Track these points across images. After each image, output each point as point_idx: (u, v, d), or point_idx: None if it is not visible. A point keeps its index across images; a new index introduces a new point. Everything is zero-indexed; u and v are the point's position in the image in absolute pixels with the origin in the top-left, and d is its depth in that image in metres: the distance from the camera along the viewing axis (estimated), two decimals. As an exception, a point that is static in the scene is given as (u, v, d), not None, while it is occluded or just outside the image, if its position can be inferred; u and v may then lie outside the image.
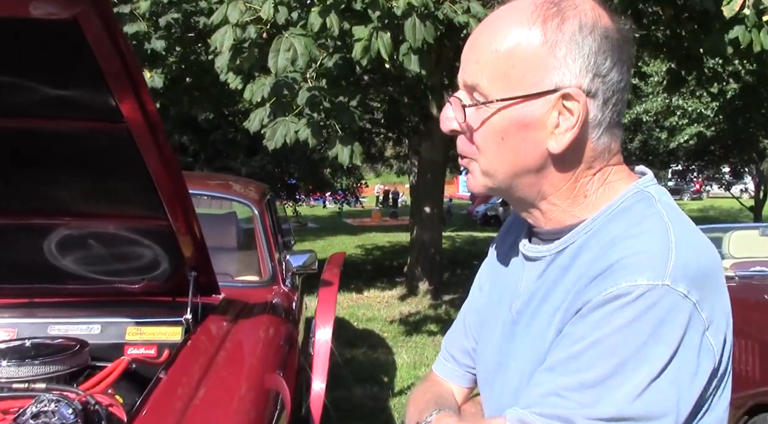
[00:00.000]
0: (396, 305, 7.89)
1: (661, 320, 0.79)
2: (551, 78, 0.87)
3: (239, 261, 3.93)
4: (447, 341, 1.21)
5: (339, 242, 15.80)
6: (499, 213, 27.89)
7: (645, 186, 0.92)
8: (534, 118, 0.88)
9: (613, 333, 0.79)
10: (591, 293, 0.83)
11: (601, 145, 0.91)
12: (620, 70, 0.88)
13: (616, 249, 0.84)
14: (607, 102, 0.88)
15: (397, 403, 4.63)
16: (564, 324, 0.86)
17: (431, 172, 8.32)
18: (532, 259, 0.99)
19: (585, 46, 0.87)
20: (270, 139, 4.53)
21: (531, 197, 0.95)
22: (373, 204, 39.23)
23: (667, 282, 0.79)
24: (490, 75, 0.89)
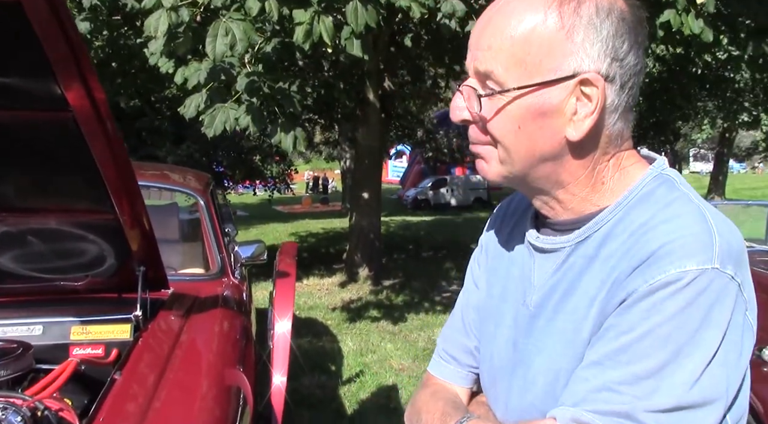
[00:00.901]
0: (337, 292, 7.85)
1: (712, 303, 0.78)
2: (569, 64, 0.85)
3: (183, 253, 3.81)
4: (444, 341, 1.16)
5: (271, 230, 15.60)
6: (429, 197, 28.22)
7: (662, 169, 0.91)
8: (552, 105, 0.86)
9: (665, 321, 0.78)
10: (635, 282, 0.81)
11: (616, 130, 0.89)
12: (636, 54, 0.87)
13: (654, 235, 0.82)
14: (624, 86, 0.87)
15: (346, 391, 4.62)
16: (604, 316, 0.84)
17: (368, 158, 8.29)
18: (545, 250, 0.96)
19: (603, 30, 0.85)
20: (209, 126, 4.39)
21: (548, 186, 0.92)
22: (303, 191, 38.99)
23: (717, 265, 0.78)
24: (505, 62, 0.86)
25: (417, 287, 8.05)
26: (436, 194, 28.41)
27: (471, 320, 1.11)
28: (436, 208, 27.14)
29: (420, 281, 8.40)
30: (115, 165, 1.97)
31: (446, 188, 28.59)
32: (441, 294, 7.81)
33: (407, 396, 4.48)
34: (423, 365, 5.18)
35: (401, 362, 5.27)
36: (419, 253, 10.86)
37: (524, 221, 1.04)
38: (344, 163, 21.66)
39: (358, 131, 8.29)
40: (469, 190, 28.74)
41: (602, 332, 0.83)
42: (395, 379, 4.84)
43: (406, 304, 7.28)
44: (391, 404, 4.37)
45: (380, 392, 4.59)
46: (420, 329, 6.25)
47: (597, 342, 0.83)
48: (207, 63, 4.57)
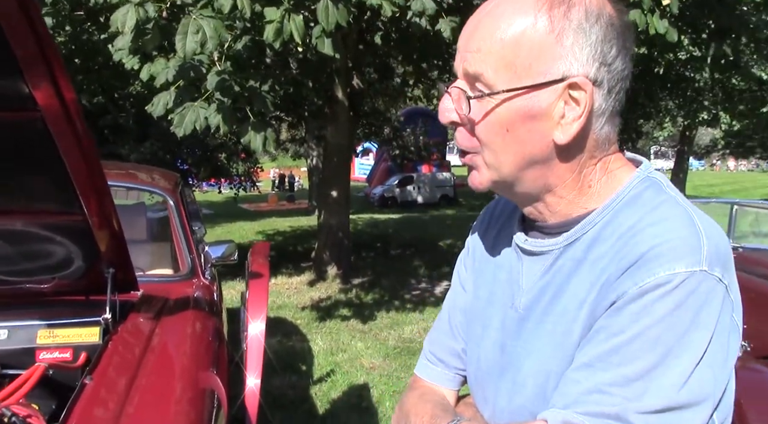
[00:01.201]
0: (305, 291, 7.81)
1: (701, 305, 0.79)
2: (558, 67, 0.85)
3: (151, 254, 3.75)
4: (431, 344, 1.16)
5: (238, 229, 15.45)
6: (396, 194, 28.27)
7: (648, 172, 0.92)
8: (540, 108, 0.86)
9: (655, 323, 0.79)
10: (625, 284, 0.81)
11: (603, 134, 0.90)
12: (624, 59, 0.88)
13: (642, 237, 0.83)
14: (611, 91, 0.88)
15: (318, 391, 4.60)
16: (594, 319, 0.85)
17: (337, 156, 8.25)
18: (534, 253, 0.96)
19: (592, 34, 0.85)
20: (178, 125, 4.32)
21: (536, 190, 0.92)
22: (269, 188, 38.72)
23: (705, 267, 0.79)
24: (494, 64, 0.86)
25: (386, 285, 8.05)
26: (403, 192, 28.47)
27: (458, 323, 1.12)
28: (403, 205, 27.20)
29: (389, 279, 8.40)
30: (84, 165, 1.93)
31: (413, 186, 28.67)
32: (411, 292, 7.82)
33: (379, 395, 4.48)
34: (394, 363, 5.19)
35: (372, 360, 5.27)
36: (388, 251, 10.86)
37: (511, 224, 1.04)
38: (311, 160, 21.55)
39: (327, 129, 8.25)
40: (436, 187, 28.85)
41: (592, 334, 0.84)
42: (366, 378, 4.83)
43: (375, 302, 7.28)
44: (363, 403, 4.36)
45: (352, 391, 4.59)
46: (390, 327, 6.26)
47: (587, 344, 0.84)
48: (175, 60, 4.49)
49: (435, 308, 6.94)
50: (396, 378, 4.81)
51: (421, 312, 6.77)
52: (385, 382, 4.74)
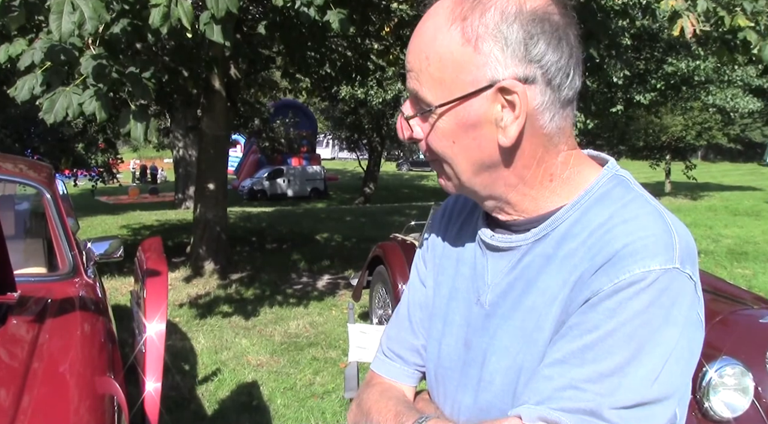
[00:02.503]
0: (182, 287, 7.49)
1: (673, 302, 0.81)
2: (483, 74, 0.86)
3: (23, 251, 3.44)
4: (388, 340, 1.15)
5: (100, 223, 14.55)
6: (266, 187, 27.84)
7: (615, 170, 0.94)
8: (477, 116, 0.88)
9: (629, 320, 0.80)
10: (599, 281, 0.82)
11: (554, 127, 0.90)
12: (558, 49, 0.86)
13: (614, 234, 0.84)
14: (551, 83, 0.87)
15: (204, 390, 4.43)
16: (567, 315, 0.85)
17: (213, 148, 7.97)
18: (500, 249, 0.97)
19: (511, 35, 0.85)
20: (48, 111, 3.97)
21: (498, 192, 0.93)
22: (129, 180, 36.83)
23: (677, 265, 0.81)
24: (427, 82, 0.89)
25: (266, 280, 7.90)
26: (272, 185, 28.11)
27: (418, 319, 1.10)
28: (273, 198, 26.86)
29: (269, 273, 8.25)
30: None
31: (283, 179, 28.38)
32: (292, 287, 7.73)
33: (269, 393, 4.40)
34: (282, 359, 5.12)
35: (259, 357, 5.15)
36: (264, 245, 10.66)
37: (472, 219, 1.04)
38: (177, 152, 20.66)
39: (203, 120, 7.95)
40: (306, 180, 28.75)
41: (565, 331, 0.84)
42: (255, 375, 4.72)
43: (257, 298, 7.12)
44: (254, 401, 4.26)
45: (240, 389, 4.46)
46: (275, 322, 6.15)
47: (560, 340, 0.84)
48: (43, 41, 4.14)
49: (319, 302, 6.91)
50: (285, 375, 4.74)
51: (305, 307, 6.71)
52: (275, 379, 4.65)
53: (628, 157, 27.15)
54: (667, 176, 24.78)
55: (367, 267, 5.63)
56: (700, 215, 14.83)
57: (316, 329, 5.92)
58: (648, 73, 18.40)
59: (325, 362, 5.01)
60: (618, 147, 25.05)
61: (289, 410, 4.12)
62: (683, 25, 4.85)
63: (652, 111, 21.03)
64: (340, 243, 10.94)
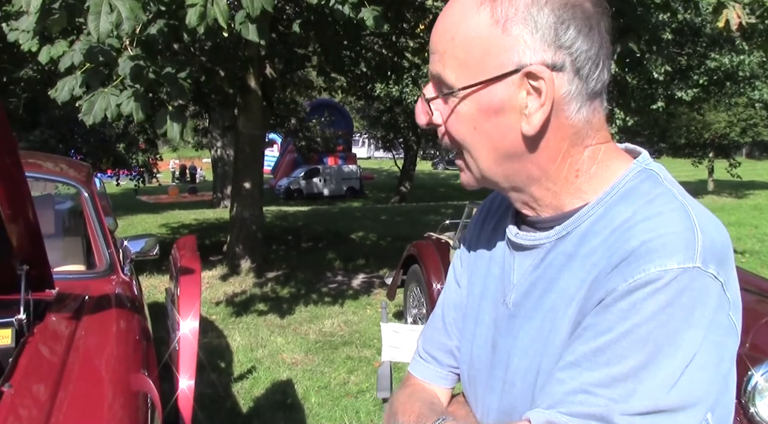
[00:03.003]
0: (219, 285, 7.57)
1: (693, 303, 0.76)
2: (510, 58, 0.83)
3: (61, 249, 3.50)
4: (424, 341, 1.13)
5: (140, 221, 14.81)
6: (302, 186, 28.04)
7: (646, 164, 0.89)
8: (501, 101, 0.85)
9: (644, 322, 0.75)
10: (614, 281, 0.78)
11: (581, 119, 0.86)
12: (588, 37, 0.83)
13: (634, 232, 0.80)
14: (579, 72, 0.84)
15: (239, 388, 4.46)
16: (583, 316, 0.82)
17: (249, 147, 8.04)
18: (525, 248, 0.94)
19: (541, 18, 0.82)
20: (87, 113, 4.05)
21: (521, 184, 0.90)
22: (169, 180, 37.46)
23: (698, 264, 0.76)
24: (451, 64, 0.87)
25: (302, 279, 7.93)
26: (308, 184, 28.28)
27: (452, 320, 1.09)
28: (309, 197, 27.03)
29: (304, 272, 8.29)
30: None
31: (319, 178, 28.54)
32: (327, 285, 7.75)
33: (303, 391, 4.40)
34: (316, 358, 5.12)
35: (294, 355, 5.17)
36: (299, 244, 10.72)
37: (506, 218, 1.02)
38: (215, 151, 20.94)
39: (239, 119, 8.02)
40: (342, 179, 28.86)
41: (580, 332, 0.81)
42: (289, 373, 4.74)
43: (292, 296, 7.15)
44: (288, 400, 4.27)
45: (275, 387, 4.48)
46: (309, 321, 6.17)
47: (574, 342, 0.81)
48: (83, 43, 4.21)
49: (354, 300, 6.91)
50: (320, 373, 4.74)
51: (340, 305, 6.72)
52: (309, 377, 4.66)
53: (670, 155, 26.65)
54: (710, 174, 24.24)
55: (401, 266, 5.60)
56: (745, 214, 14.45)
57: (351, 328, 5.91)
58: (690, 68, 17.99)
59: (360, 361, 5.00)
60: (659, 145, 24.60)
61: (324, 409, 4.11)
62: (728, 17, 4.71)
63: (695, 108, 20.55)
64: (375, 242, 10.94)
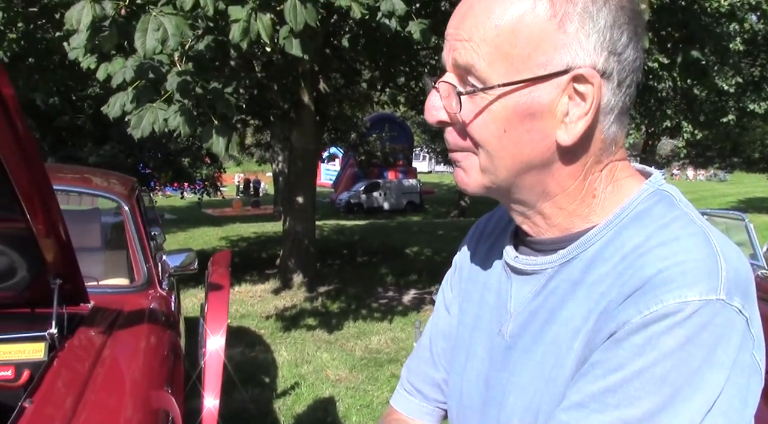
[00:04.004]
0: (270, 299, 7.61)
1: (716, 341, 0.67)
2: (561, 57, 0.74)
3: (106, 263, 3.55)
4: (409, 372, 1.04)
5: (201, 234, 15.13)
6: (362, 200, 28.15)
7: (659, 185, 0.80)
8: (541, 105, 0.75)
9: (661, 359, 0.67)
10: (627, 312, 0.69)
11: (611, 134, 0.78)
12: (636, 47, 0.76)
13: (648, 259, 0.71)
14: (621, 84, 0.76)
15: (281, 405, 4.42)
16: (590, 351, 0.73)
17: (302, 161, 8.08)
18: (524, 273, 0.84)
19: (600, 19, 0.74)
20: (135, 127, 4.11)
21: (533, 199, 0.81)
22: (233, 193, 38.27)
23: (722, 296, 0.67)
24: (488, 55, 0.75)
25: (353, 294, 7.90)
26: (369, 198, 28.37)
27: (440, 350, 0.99)
28: (369, 211, 27.10)
29: (356, 287, 8.25)
30: (26, 168, 1.78)
31: (379, 192, 28.60)
32: (378, 301, 7.68)
33: (345, 409, 4.33)
34: (360, 375, 5.05)
35: (338, 372, 5.11)
36: (354, 258, 10.71)
37: (503, 240, 0.92)
38: (276, 165, 21.29)
39: (293, 134, 8.08)
40: (402, 194, 28.84)
41: (587, 369, 0.72)
42: (332, 390, 4.68)
43: (342, 311, 7.11)
44: (329, 418, 4.21)
45: (317, 405, 4.42)
46: (357, 337, 6.11)
47: (580, 380, 0.72)
48: (134, 60, 4.30)
49: (403, 317, 6.82)
50: (363, 391, 4.66)
51: (389, 322, 6.63)
52: (352, 395, 4.59)
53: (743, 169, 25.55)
54: (787, 190, 23.09)
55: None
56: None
57: (398, 345, 5.82)
58: (763, 80, 17.23)
59: (405, 380, 4.89)
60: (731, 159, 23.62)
61: (364, 428, 4.03)
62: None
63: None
64: (430, 257, 10.82)
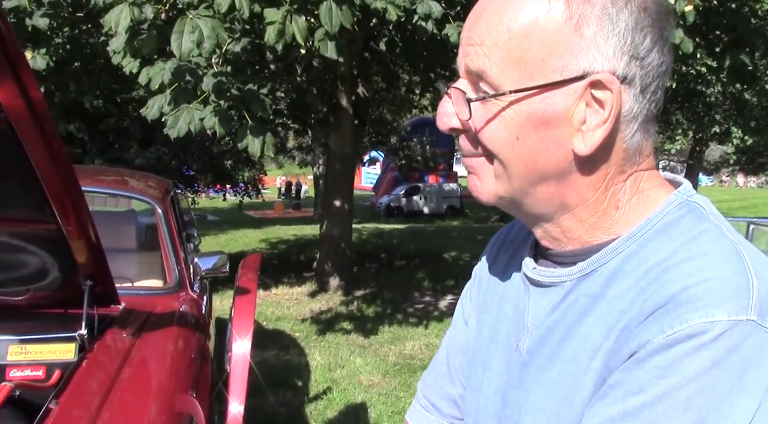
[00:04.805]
0: (306, 302, 7.62)
1: (747, 365, 0.61)
2: (578, 62, 0.69)
3: (140, 264, 3.58)
4: (425, 386, 1.00)
5: (242, 236, 15.29)
6: (402, 204, 28.12)
7: (689, 195, 0.75)
8: (557, 112, 0.70)
9: (684, 384, 0.62)
10: (649, 331, 0.64)
11: (634, 144, 0.73)
12: (661, 51, 0.71)
13: (674, 274, 0.66)
14: (645, 91, 0.71)
15: (313, 409, 4.40)
16: (609, 371, 0.68)
17: (340, 165, 8.08)
18: (542, 285, 0.80)
19: (620, 22, 0.69)
20: (172, 127, 4.15)
21: (551, 211, 0.76)
22: (275, 196, 38.67)
23: (753, 317, 0.62)
24: (500, 60, 0.71)
25: (389, 298, 7.85)
26: (409, 202, 28.32)
27: (457, 364, 0.95)
28: (409, 215, 27.05)
29: (392, 291, 8.20)
30: (54, 170, 1.79)
31: (419, 196, 28.52)
32: (414, 305, 7.62)
33: (377, 415, 4.29)
34: (393, 381, 5.00)
35: (371, 377, 5.07)
36: (392, 262, 10.67)
37: (523, 250, 0.87)
38: (317, 168, 21.44)
39: (330, 137, 8.09)
40: (442, 198, 28.72)
41: (605, 390, 0.67)
42: (364, 396, 4.64)
43: (377, 315, 7.08)
44: (360, 424, 4.17)
45: (348, 410, 4.39)
46: (391, 342, 6.06)
47: (599, 402, 0.67)
48: (172, 62, 4.34)
49: (439, 323, 6.74)
50: (395, 397, 4.61)
51: (424, 327, 6.57)
52: (384, 401, 4.54)
53: (797, 177, 24.67)
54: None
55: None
56: None
57: (432, 352, 5.75)
58: (819, 84, 16.62)
59: (438, 387, 4.82)
60: (784, 166, 22.86)
61: (395, 435, 3.98)
62: None
63: (825, 126, 18.95)
64: (468, 262, 10.71)
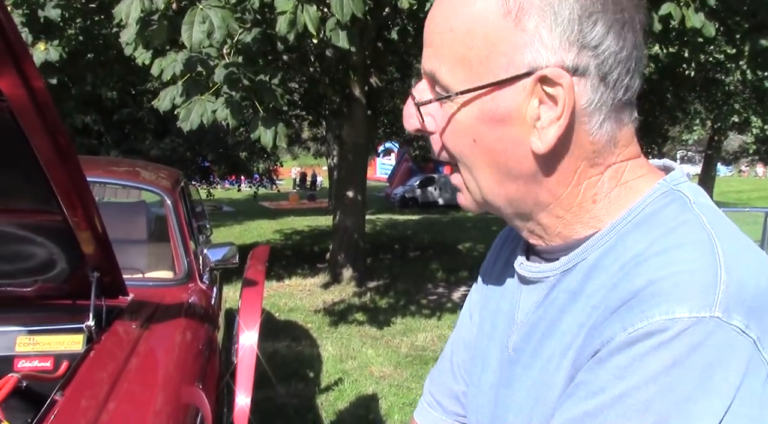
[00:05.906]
0: (319, 293, 7.62)
1: (710, 364, 0.58)
2: (522, 58, 0.66)
3: (150, 255, 3.58)
4: (431, 383, 0.99)
5: (256, 227, 15.34)
6: (417, 195, 28.05)
7: (675, 184, 0.71)
8: (509, 110, 0.68)
9: (644, 384, 0.58)
10: (612, 329, 0.61)
11: (604, 135, 0.69)
12: (620, 36, 0.67)
13: (643, 269, 0.62)
14: (606, 79, 0.67)
15: (324, 400, 4.40)
16: (576, 370, 0.65)
17: (353, 156, 8.06)
18: (530, 281, 0.78)
19: (563, 11, 0.65)
20: (184, 119, 4.15)
21: (527, 210, 0.73)
22: (290, 187, 38.77)
23: (718, 313, 0.58)
24: (448, 61, 0.69)
25: (402, 289, 7.84)
26: (423, 193, 28.25)
27: (460, 360, 0.94)
28: (424, 206, 26.98)
29: (405, 282, 8.19)
30: (59, 160, 1.78)
31: (434, 187, 28.43)
32: (427, 297, 7.60)
33: (388, 407, 4.28)
34: (405, 372, 4.98)
35: (382, 369, 5.06)
36: (406, 253, 10.65)
37: (519, 245, 0.85)
38: (331, 159, 21.44)
39: (343, 128, 8.07)
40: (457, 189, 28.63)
41: (572, 390, 0.65)
42: (375, 387, 4.63)
43: (390, 307, 7.06)
44: (371, 415, 4.16)
45: (359, 402, 4.38)
46: (403, 333, 6.05)
47: (566, 401, 0.65)
48: (183, 53, 4.33)
49: (452, 314, 6.72)
50: (407, 389, 4.60)
51: (437, 318, 6.55)
52: (395, 392, 4.53)
53: (817, 167, 24.33)
54: None
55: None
56: None
57: (444, 343, 5.70)
58: (841, 72, 16.32)
59: (450, 379, 4.81)
60: (805, 156, 22.53)
61: (406, 427, 3.97)
62: None
63: None
64: (482, 253, 10.65)
